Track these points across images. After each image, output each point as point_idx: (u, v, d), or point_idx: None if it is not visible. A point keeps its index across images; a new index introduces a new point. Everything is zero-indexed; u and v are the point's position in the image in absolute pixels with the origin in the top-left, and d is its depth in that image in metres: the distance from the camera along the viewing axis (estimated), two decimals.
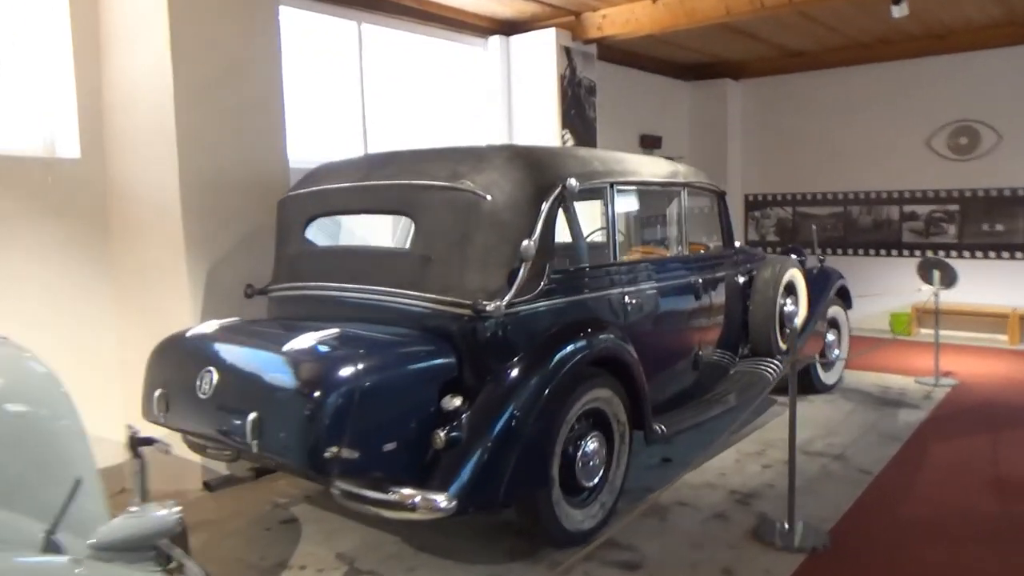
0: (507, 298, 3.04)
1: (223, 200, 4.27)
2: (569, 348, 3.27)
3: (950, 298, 8.54)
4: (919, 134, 8.94)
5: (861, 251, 9.45)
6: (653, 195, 4.67)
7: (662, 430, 3.90)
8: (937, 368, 6.63)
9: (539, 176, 3.26)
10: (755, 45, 9.03)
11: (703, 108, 10.08)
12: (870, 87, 9.23)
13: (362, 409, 2.64)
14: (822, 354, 6.21)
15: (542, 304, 3.28)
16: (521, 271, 3.08)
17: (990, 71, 8.47)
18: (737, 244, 6.48)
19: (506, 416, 2.97)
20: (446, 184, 3.17)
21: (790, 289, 5.63)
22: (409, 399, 2.84)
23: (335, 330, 2.96)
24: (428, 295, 3.13)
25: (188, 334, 3.26)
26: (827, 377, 6.30)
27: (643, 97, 9.31)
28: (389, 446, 2.74)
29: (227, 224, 4.30)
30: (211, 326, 3.29)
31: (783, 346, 5.46)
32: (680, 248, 4.41)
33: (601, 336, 3.46)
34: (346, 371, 2.67)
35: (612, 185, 3.71)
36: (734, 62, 9.84)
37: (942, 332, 8.80)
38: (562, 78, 6.93)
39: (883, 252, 9.30)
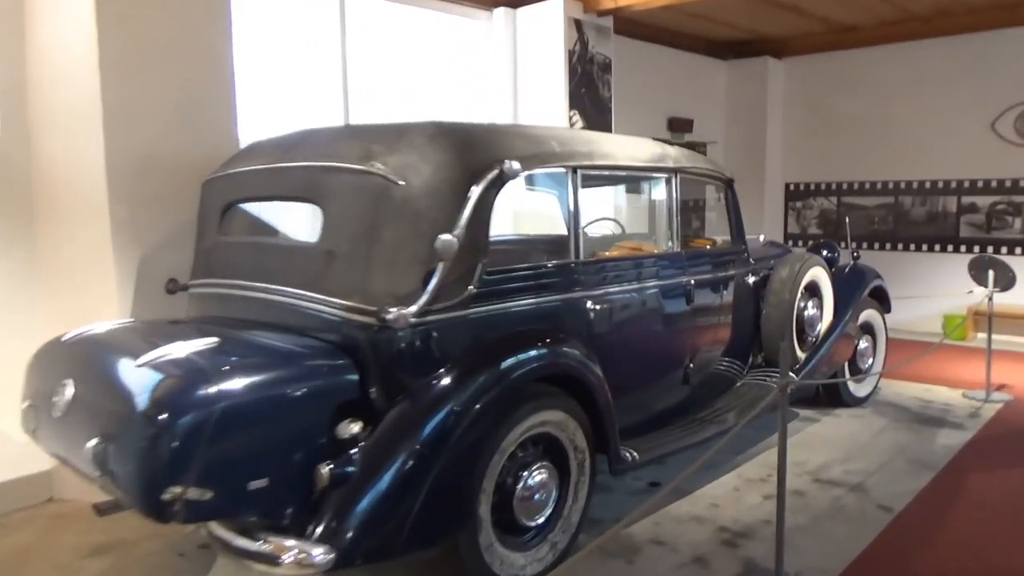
0: (417, 304, 2.52)
1: (158, 185, 3.85)
2: (507, 363, 2.74)
3: (1012, 300, 7.67)
4: (983, 116, 8.02)
5: (913, 246, 8.58)
6: (638, 182, 4.08)
7: (633, 457, 3.33)
8: (988, 381, 5.84)
9: (468, 158, 2.72)
10: (799, 20, 8.23)
11: (741, 89, 9.31)
12: (928, 64, 8.33)
13: (218, 438, 2.18)
14: (852, 363, 5.51)
15: (474, 311, 2.75)
16: (438, 272, 2.56)
17: None
18: (761, 239, 5.88)
19: (414, 445, 2.46)
20: (354, 167, 2.66)
21: (812, 290, 4.95)
22: (287, 425, 2.35)
23: (213, 339, 2.50)
24: (330, 299, 2.63)
25: (64, 338, 2.85)
26: (858, 389, 5.59)
27: (673, 77, 8.61)
28: (258, 483, 2.27)
29: (163, 211, 3.88)
30: (95, 328, 2.87)
31: (801, 355, 4.80)
32: (671, 244, 3.81)
33: (551, 349, 2.92)
34: (199, 391, 2.20)
35: (575, 170, 3.14)
36: (776, 39, 9.04)
37: (1002, 338, 7.94)
38: (570, 53, 6.33)
39: (938, 248, 8.42)
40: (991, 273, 5.76)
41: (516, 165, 2.76)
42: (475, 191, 2.67)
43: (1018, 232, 7.92)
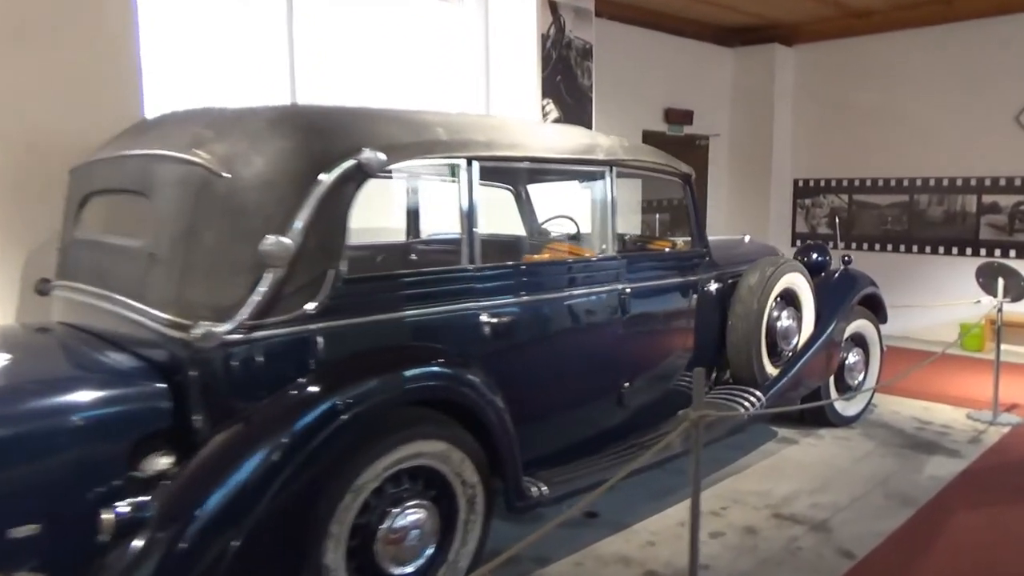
0: (235, 320, 2.12)
1: (45, 175, 3.51)
2: (363, 387, 2.34)
3: None
4: (1007, 108, 7.37)
5: (929, 249, 7.96)
6: (566, 176, 3.64)
7: (541, 492, 2.91)
8: (996, 400, 5.27)
9: (316, 146, 2.31)
10: (812, 4, 7.66)
11: (747, 78, 8.74)
12: (948, 52, 7.69)
13: None
14: (839, 379, 5.00)
15: (326, 325, 2.35)
16: (265, 280, 2.16)
17: None
18: (746, 239, 5.39)
19: (229, 484, 2.08)
20: (177, 155, 2.27)
21: (788, 299, 4.46)
22: (65, 461, 1.98)
23: (6, 355, 2.14)
24: (149, 310, 2.25)
25: None
26: (846, 408, 5.07)
27: (671, 65, 8.08)
28: (23, 531, 1.91)
29: (51, 205, 3.54)
30: None
31: (772, 372, 4.31)
32: (606, 246, 3.36)
33: (424, 370, 2.50)
34: None
35: (470, 161, 2.71)
36: (786, 24, 8.45)
37: (1020, 349, 7.30)
38: (544, 38, 5.88)
39: (955, 251, 7.78)
40: (1001, 281, 5.19)
41: (378, 155, 2.35)
42: (322, 185, 2.26)
43: None
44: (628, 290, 3.36)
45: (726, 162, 8.88)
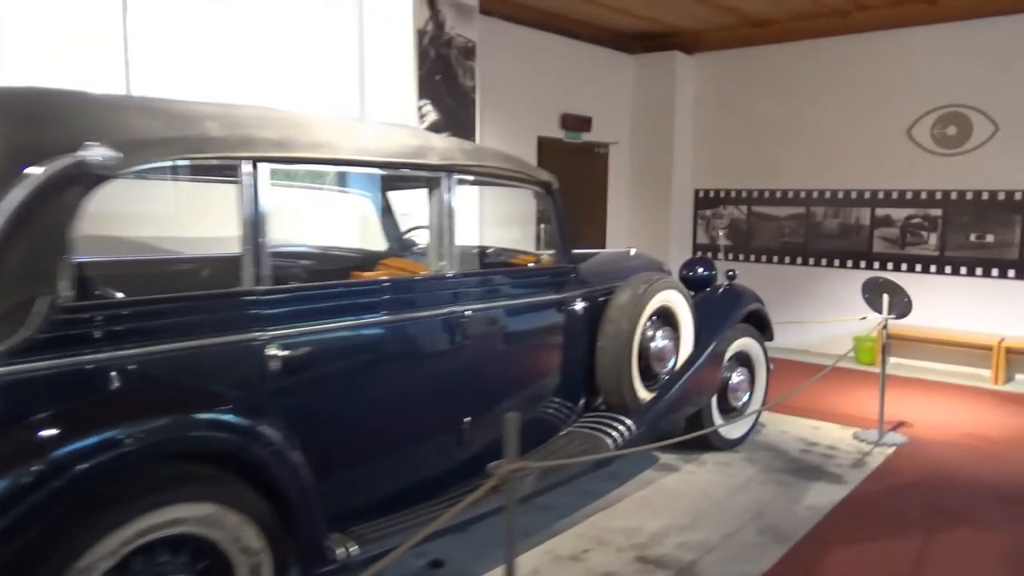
0: None
1: None
2: (78, 445, 1.86)
3: (923, 322, 7.02)
4: (899, 121, 7.35)
5: (825, 261, 7.89)
6: (411, 183, 3.24)
7: (349, 552, 2.48)
8: (881, 420, 5.11)
9: (18, 136, 1.84)
10: (709, 11, 7.49)
11: (648, 86, 8.54)
12: (845, 64, 7.65)
13: None
14: (723, 401, 4.74)
15: (35, 365, 1.86)
16: None
17: (989, 44, 6.86)
18: (632, 252, 5.09)
19: None
20: None
21: (665, 318, 4.16)
22: None
23: None
24: None
25: None
26: (730, 430, 4.81)
27: (568, 69, 7.80)
28: None
29: None
30: None
31: (646, 396, 4.00)
32: (443, 263, 2.95)
33: (172, 419, 2.04)
34: None
35: (255, 163, 2.27)
36: (687, 32, 8.29)
37: (912, 363, 7.29)
38: (421, 34, 5.47)
39: (850, 264, 7.73)
40: (886, 298, 5.04)
41: (107, 152, 1.88)
42: (25, 186, 1.79)
43: (933, 249, 7.26)
44: (468, 313, 2.97)
45: (627, 171, 8.65)
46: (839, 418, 5.57)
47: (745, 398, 4.91)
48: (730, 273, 4.99)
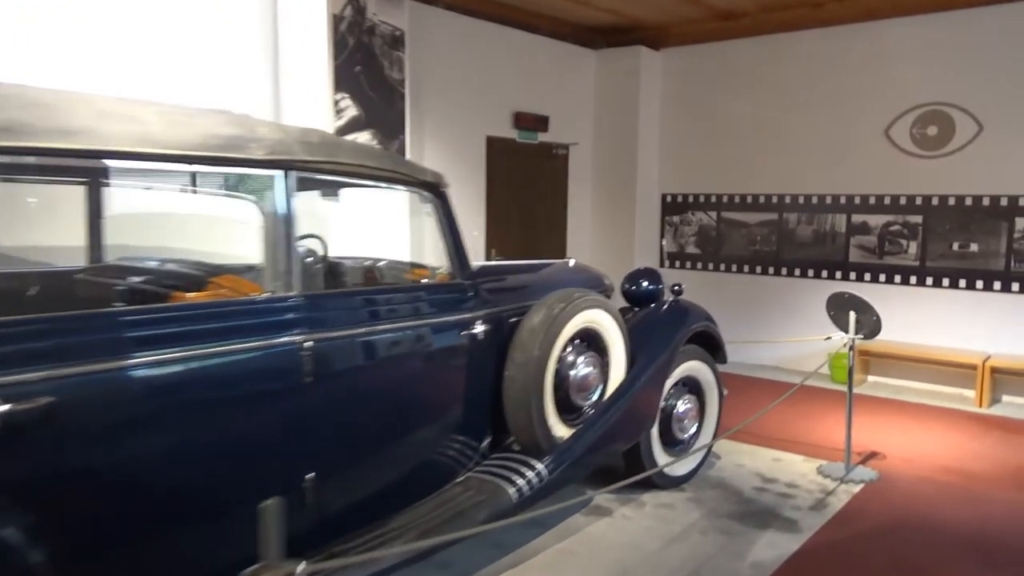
0: None
1: None
2: None
3: (906, 338, 6.49)
4: (876, 121, 6.81)
5: (799, 271, 7.33)
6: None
7: None
8: (849, 454, 4.55)
9: None
10: (674, 3, 6.95)
11: (611, 83, 7.99)
12: (818, 59, 7.11)
13: None
14: (666, 434, 4.18)
15: None
16: None
17: (973, 37, 6.32)
18: (571, 263, 4.56)
19: None
20: None
21: (590, 342, 3.59)
22: None
23: None
24: None
25: None
26: (675, 467, 4.24)
27: (525, 65, 7.24)
28: None
29: None
30: None
31: (563, 433, 3.43)
32: (279, 282, 2.38)
33: None
34: None
35: None
36: (652, 26, 7.74)
37: (890, 382, 6.74)
38: (337, 20, 4.91)
39: (825, 274, 7.18)
40: (852, 316, 4.48)
41: None
42: None
43: (913, 258, 6.71)
44: (310, 344, 2.39)
45: (589, 174, 8.10)
46: (805, 448, 5.00)
47: (692, 429, 4.35)
48: (675, 288, 4.44)
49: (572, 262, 4.62)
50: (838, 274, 7.08)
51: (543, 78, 7.43)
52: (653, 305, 4.29)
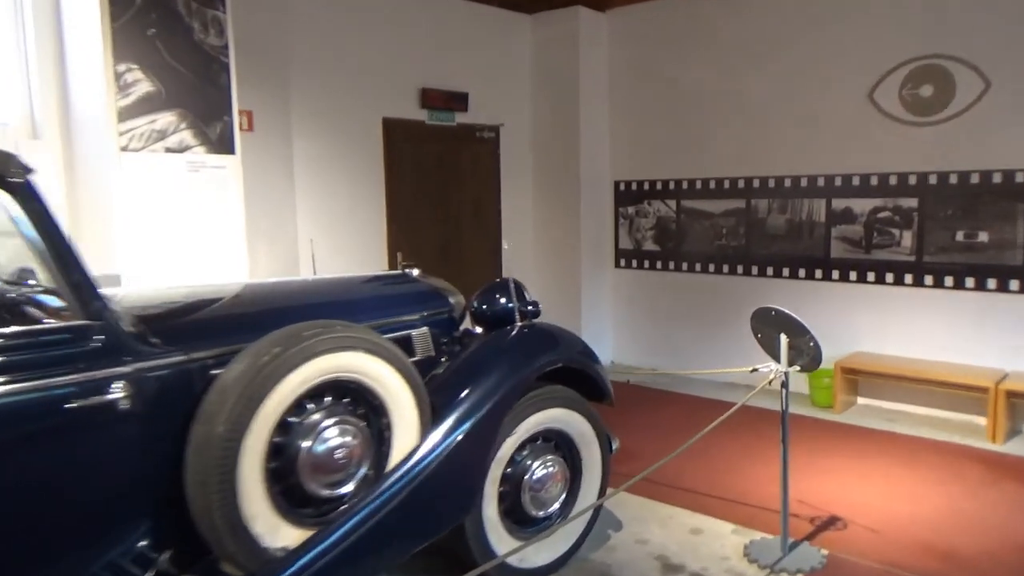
0: None
1: None
2: None
3: (902, 351, 5.23)
4: (859, 83, 5.50)
5: (771, 270, 6.04)
6: None
7: None
8: (786, 528, 3.31)
9: None
10: None
11: (548, 52, 6.78)
12: (788, 12, 5.81)
13: None
14: (516, 510, 3.01)
15: None
16: None
17: None
18: (415, 272, 3.45)
19: None
20: None
21: (356, 399, 2.45)
22: None
23: None
24: None
25: None
26: (533, 555, 3.06)
27: (436, 33, 6.08)
28: None
29: None
30: None
31: (289, 539, 2.28)
32: None
33: None
34: None
35: None
36: None
37: (883, 405, 5.38)
38: None
39: (803, 273, 5.88)
40: (783, 340, 3.23)
41: None
42: None
43: (907, 252, 5.38)
44: None
45: (525, 161, 6.91)
46: (742, 510, 3.78)
47: (558, 500, 3.16)
48: (529, 307, 3.25)
49: (416, 272, 3.48)
50: (818, 272, 5.78)
51: (460, 48, 6.26)
52: (494, 334, 3.12)
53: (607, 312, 6.98)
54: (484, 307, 3.33)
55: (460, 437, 2.66)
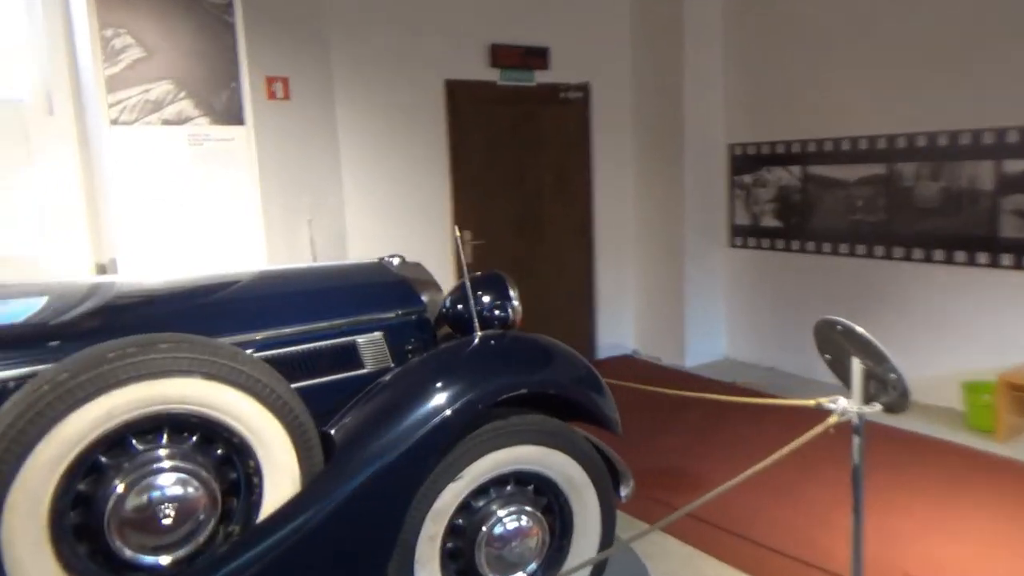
0: None
1: None
2: None
3: None
4: None
5: (920, 253, 4.79)
6: None
7: None
8: None
9: None
10: None
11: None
12: None
13: None
14: (466, 573, 2.35)
15: None
16: None
17: None
18: (395, 261, 2.93)
19: None
20: None
21: (210, 436, 1.90)
22: None
23: None
24: None
25: None
26: None
27: None
28: None
29: None
30: None
31: None
32: None
33: None
34: None
35: None
36: None
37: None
38: None
39: (962, 257, 4.59)
40: (856, 365, 2.27)
41: None
42: None
43: None
44: None
45: (623, 124, 6.02)
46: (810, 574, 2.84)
47: (534, 562, 2.44)
48: (496, 311, 2.52)
49: (396, 260, 2.87)
50: (982, 256, 4.48)
51: None
52: (439, 348, 2.44)
53: (718, 299, 5.98)
54: (447, 309, 2.65)
55: (359, 484, 2.03)
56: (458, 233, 2.62)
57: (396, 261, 2.87)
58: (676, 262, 5.83)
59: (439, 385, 2.20)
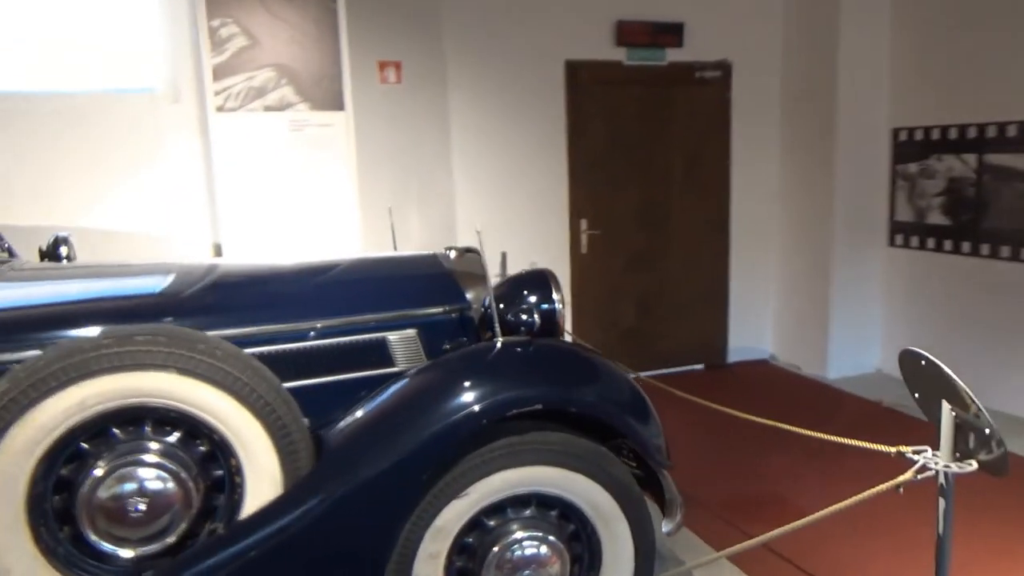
0: None
1: None
2: None
3: None
4: None
5: None
6: None
7: None
8: None
9: None
10: None
11: None
12: None
13: None
14: None
15: None
16: None
17: None
18: (451, 255, 2.85)
19: None
20: None
21: (193, 432, 1.90)
22: None
23: None
24: None
25: None
26: None
27: None
28: None
29: None
30: None
31: None
32: None
33: None
34: None
35: None
36: None
37: None
38: None
39: None
40: (946, 410, 1.82)
41: None
42: None
43: None
44: None
45: (770, 105, 5.45)
46: None
47: None
48: (523, 316, 2.29)
49: (452, 253, 2.74)
50: None
51: None
52: (452, 354, 2.26)
53: (872, 304, 5.28)
54: (484, 308, 2.45)
55: (340, 494, 1.92)
56: (478, 229, 2.42)
57: (453, 255, 2.73)
58: (823, 260, 5.22)
59: (439, 395, 2.04)
